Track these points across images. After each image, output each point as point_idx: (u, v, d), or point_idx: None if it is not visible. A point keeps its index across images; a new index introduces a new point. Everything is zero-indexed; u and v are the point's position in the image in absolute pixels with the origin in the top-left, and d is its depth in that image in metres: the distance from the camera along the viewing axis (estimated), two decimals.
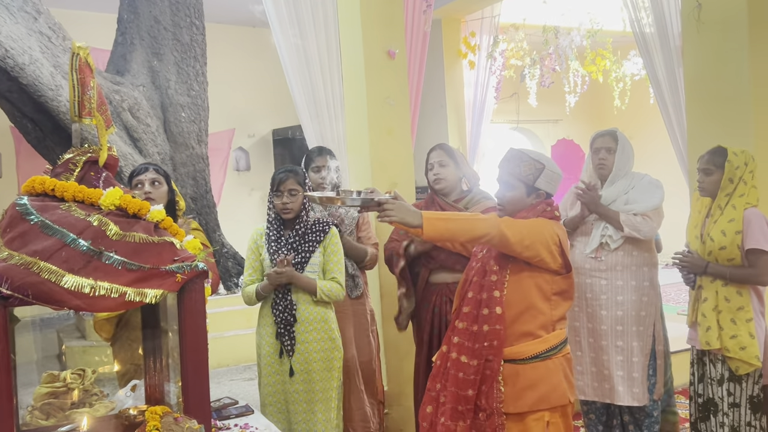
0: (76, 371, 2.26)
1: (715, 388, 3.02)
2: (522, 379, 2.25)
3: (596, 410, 3.47)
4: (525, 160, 2.36)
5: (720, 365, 2.98)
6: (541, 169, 2.34)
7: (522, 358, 2.27)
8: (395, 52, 4.02)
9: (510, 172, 2.37)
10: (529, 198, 2.36)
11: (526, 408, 2.25)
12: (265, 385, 2.98)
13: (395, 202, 2.14)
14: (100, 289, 1.38)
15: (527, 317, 2.28)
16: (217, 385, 5.11)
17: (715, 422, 3.02)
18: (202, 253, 1.59)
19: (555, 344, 2.32)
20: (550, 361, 2.29)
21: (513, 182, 2.37)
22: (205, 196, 6.56)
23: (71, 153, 1.72)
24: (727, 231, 2.93)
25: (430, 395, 2.41)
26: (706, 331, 2.96)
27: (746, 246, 2.90)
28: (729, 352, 2.90)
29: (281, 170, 3.00)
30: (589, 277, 3.26)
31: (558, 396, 2.29)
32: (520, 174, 2.35)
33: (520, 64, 8.47)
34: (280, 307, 2.92)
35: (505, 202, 2.40)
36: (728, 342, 2.91)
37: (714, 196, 3.03)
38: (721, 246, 2.93)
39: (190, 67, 6.53)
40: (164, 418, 1.51)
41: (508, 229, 2.20)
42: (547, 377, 2.28)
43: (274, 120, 9.31)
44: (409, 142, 4.19)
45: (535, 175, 2.34)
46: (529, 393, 2.25)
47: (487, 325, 2.26)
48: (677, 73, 5.22)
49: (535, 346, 2.28)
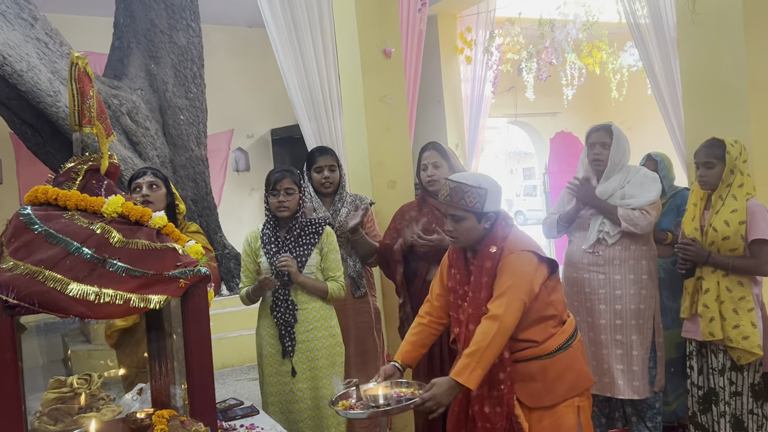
0: (82, 376, 2.28)
1: (716, 378, 3.04)
2: (551, 372, 2.31)
3: (598, 403, 3.49)
4: (467, 191, 2.30)
5: (721, 355, 3.00)
6: (485, 194, 2.30)
7: (547, 353, 2.32)
8: (391, 51, 4.03)
9: (455, 205, 2.31)
10: (481, 224, 2.32)
11: (560, 399, 2.31)
12: (268, 385, 3.01)
13: (430, 396, 2.13)
14: (105, 296, 1.41)
15: (540, 327, 2.32)
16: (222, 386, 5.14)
17: (717, 411, 3.04)
18: (204, 257, 1.61)
19: (571, 333, 2.39)
20: (571, 349, 2.37)
21: (461, 214, 2.31)
22: (206, 198, 6.58)
23: (73, 162, 1.74)
24: (731, 221, 2.93)
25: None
26: (709, 322, 2.98)
27: (751, 237, 2.91)
28: (732, 342, 2.92)
29: (276, 170, 3.01)
30: (587, 272, 3.28)
31: (584, 379, 2.39)
32: (466, 205, 2.30)
33: (516, 58, 8.48)
34: (281, 308, 2.94)
35: (458, 234, 2.34)
36: (731, 332, 2.92)
37: (715, 189, 3.03)
38: (725, 236, 2.94)
39: (187, 69, 6.55)
40: (171, 421, 1.53)
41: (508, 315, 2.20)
42: (572, 365, 2.36)
43: (273, 120, 9.33)
44: (407, 139, 4.21)
45: (481, 202, 2.30)
46: (559, 384, 2.31)
47: (502, 373, 2.27)
48: (673, 64, 5.23)
49: (556, 339, 2.34)
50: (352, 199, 3.48)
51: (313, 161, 3.42)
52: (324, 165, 3.38)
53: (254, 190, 9.28)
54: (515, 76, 8.93)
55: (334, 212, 3.39)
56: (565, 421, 2.30)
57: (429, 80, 7.81)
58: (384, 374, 2.33)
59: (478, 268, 2.32)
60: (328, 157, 3.41)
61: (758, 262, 2.92)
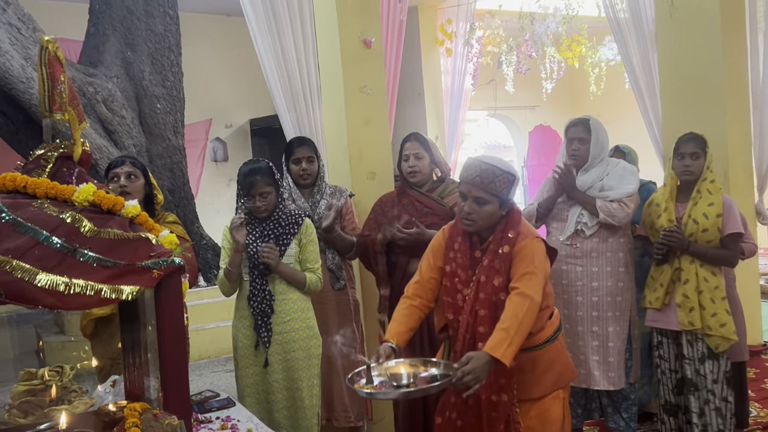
0: (54, 368, 2.25)
1: (694, 367, 3.10)
2: (540, 364, 2.31)
3: (575, 394, 3.51)
4: (499, 174, 2.24)
5: (699, 344, 3.08)
6: (513, 181, 2.27)
7: (537, 344, 2.32)
8: (371, 41, 4.00)
9: (484, 188, 2.24)
10: (501, 209, 2.28)
11: (547, 391, 2.32)
12: (243, 376, 2.99)
13: (467, 370, 2.02)
14: (75, 286, 1.37)
15: (540, 314, 2.28)
16: (199, 377, 5.10)
17: (697, 399, 3.10)
18: (179, 248, 1.58)
19: (558, 325, 2.41)
20: (557, 341, 2.39)
21: (487, 198, 2.24)
22: (183, 188, 6.51)
23: (43, 149, 1.69)
24: (709, 214, 3.06)
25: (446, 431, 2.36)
26: (689, 312, 3.06)
27: (727, 230, 3.06)
28: (711, 330, 3.02)
29: (247, 171, 2.91)
30: (564, 264, 3.29)
31: (570, 371, 2.42)
32: (495, 189, 2.24)
33: (496, 51, 8.49)
34: (258, 298, 2.92)
35: (477, 217, 2.27)
36: (710, 321, 3.03)
37: (695, 181, 3.14)
38: (704, 228, 3.06)
39: (164, 57, 6.45)
40: (144, 414, 1.51)
41: (537, 293, 2.17)
42: (559, 357, 2.38)
43: (252, 110, 9.24)
44: (387, 131, 4.18)
45: (508, 189, 2.26)
46: (547, 376, 2.32)
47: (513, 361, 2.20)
48: (651, 58, 5.27)
49: (546, 331, 2.35)
50: (331, 190, 3.45)
51: (291, 152, 3.38)
52: (302, 156, 3.35)
53: (232, 180, 9.19)
54: (495, 69, 8.94)
55: (313, 204, 3.36)
56: (552, 412, 2.31)
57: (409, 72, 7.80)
58: (384, 354, 2.16)
59: (492, 253, 2.26)
60: (306, 148, 3.37)
61: (732, 254, 3.08)
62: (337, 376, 3.35)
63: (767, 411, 4.00)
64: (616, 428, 3.44)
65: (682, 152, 3.15)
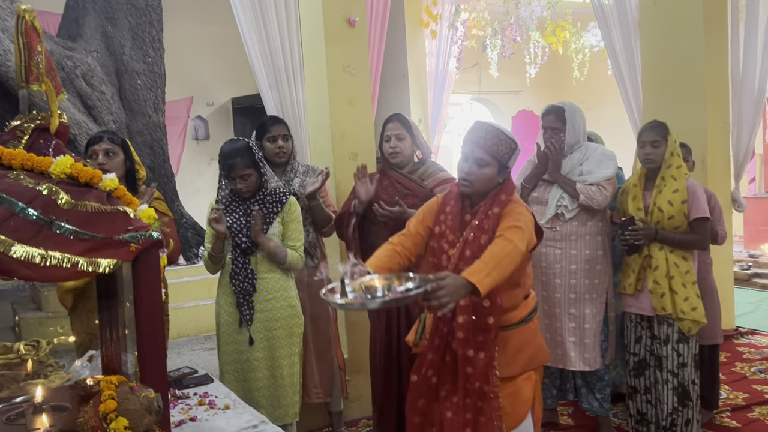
0: (30, 342, 2.23)
1: (660, 348, 3.16)
2: (512, 343, 2.32)
3: (550, 375, 3.57)
4: (503, 139, 2.29)
5: (668, 328, 3.14)
6: (515, 148, 2.32)
7: (511, 323, 2.32)
8: (355, 20, 3.97)
9: (486, 149, 2.27)
10: (499, 176, 2.31)
11: (519, 371, 2.33)
12: (224, 353, 2.99)
13: (443, 284, 1.95)
14: (52, 258, 1.36)
15: (514, 293, 2.32)
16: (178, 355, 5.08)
17: (658, 379, 3.16)
18: (157, 222, 1.57)
19: (533, 306, 2.42)
20: (532, 322, 2.40)
21: (488, 160, 2.28)
22: (163, 166, 6.44)
23: (19, 120, 1.67)
24: (674, 201, 3.09)
25: (421, 389, 2.36)
26: (660, 298, 3.11)
27: (693, 215, 3.08)
28: (684, 314, 3.07)
29: (227, 153, 2.90)
30: (543, 247, 3.32)
31: (542, 354, 2.43)
32: (498, 152, 2.28)
33: (481, 35, 8.47)
34: (240, 276, 2.92)
35: (474, 179, 2.30)
36: (682, 305, 3.08)
37: (658, 168, 3.16)
38: (670, 216, 3.09)
39: (145, 32, 6.35)
40: (120, 387, 1.50)
41: (522, 244, 2.17)
42: (533, 338, 2.39)
43: (234, 88, 9.14)
44: (369, 111, 4.17)
45: (509, 154, 2.31)
46: (520, 356, 2.33)
47: (492, 317, 2.24)
48: (634, 45, 5.30)
49: (520, 311, 2.36)
50: (304, 169, 3.46)
51: (266, 131, 3.36)
52: (278, 134, 3.34)
53: (213, 159, 9.11)
54: (479, 52, 8.93)
55: (287, 182, 3.36)
56: (523, 393, 2.33)
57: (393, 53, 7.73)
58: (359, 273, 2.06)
59: (482, 213, 2.28)
60: (282, 127, 3.37)
61: (700, 238, 3.13)
62: (308, 354, 3.37)
63: (737, 393, 4.09)
64: (590, 409, 3.50)
65: (643, 140, 3.20)
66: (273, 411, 2.93)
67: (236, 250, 2.92)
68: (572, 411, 3.91)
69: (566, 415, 3.87)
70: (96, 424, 1.46)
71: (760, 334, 5.43)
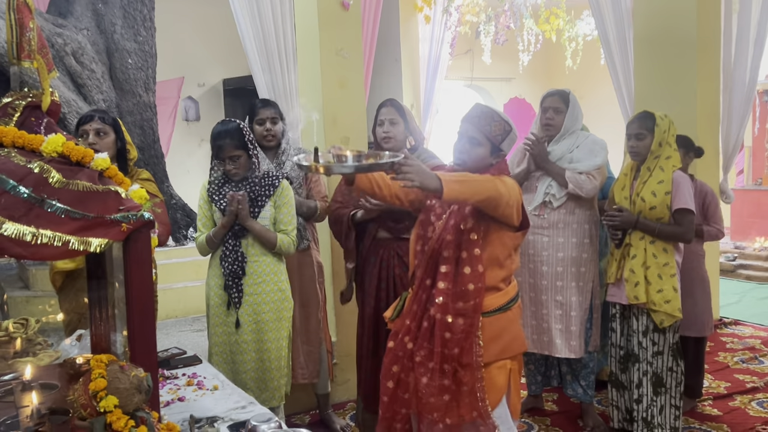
0: (19, 320, 2.23)
1: (637, 339, 3.17)
2: (487, 330, 2.32)
3: (535, 361, 3.61)
4: (496, 120, 2.35)
5: (644, 318, 3.14)
6: (509, 131, 2.36)
7: (488, 311, 2.33)
8: (349, 3, 3.96)
9: (480, 129, 2.34)
10: (491, 157, 2.36)
11: (493, 358, 2.33)
12: (213, 335, 3.00)
13: (412, 164, 2.04)
14: (43, 237, 1.36)
15: (494, 272, 2.33)
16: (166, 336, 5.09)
17: (636, 371, 3.19)
18: (148, 203, 1.57)
19: (513, 296, 2.41)
20: (510, 312, 2.39)
21: (480, 139, 2.34)
22: (153, 146, 6.40)
23: (10, 97, 1.65)
24: (657, 192, 3.08)
25: (396, 355, 2.39)
26: (634, 287, 3.10)
27: (675, 206, 3.07)
28: (655, 306, 3.06)
29: (216, 134, 2.90)
30: (531, 234, 3.34)
31: (519, 344, 2.42)
32: (490, 133, 2.33)
33: (475, 21, 8.45)
34: (230, 259, 2.92)
35: (467, 158, 2.36)
36: (655, 296, 3.07)
37: (644, 159, 3.15)
38: (652, 206, 3.08)
39: (137, 11, 6.28)
40: (110, 366, 1.51)
41: (502, 188, 2.22)
42: (509, 327, 2.38)
43: (226, 69, 9.07)
44: (362, 95, 4.16)
45: (503, 136, 2.35)
46: (494, 344, 2.33)
47: (472, 284, 2.27)
48: (627, 35, 5.30)
49: (498, 298, 2.35)
50: (296, 152, 3.45)
51: (255, 113, 3.36)
52: (266, 117, 3.33)
53: (204, 140, 9.05)
54: (473, 39, 8.90)
55: (278, 165, 3.35)
56: (496, 381, 2.34)
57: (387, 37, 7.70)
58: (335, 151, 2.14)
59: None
60: (270, 110, 3.36)
61: (682, 230, 3.09)
62: (296, 335, 3.39)
63: (719, 382, 4.16)
64: (574, 395, 3.55)
65: (628, 132, 3.20)
66: (260, 394, 2.94)
67: (228, 232, 2.92)
68: (557, 397, 3.96)
69: (551, 401, 3.92)
70: (86, 402, 1.46)
71: (743, 325, 5.51)
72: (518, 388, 2.47)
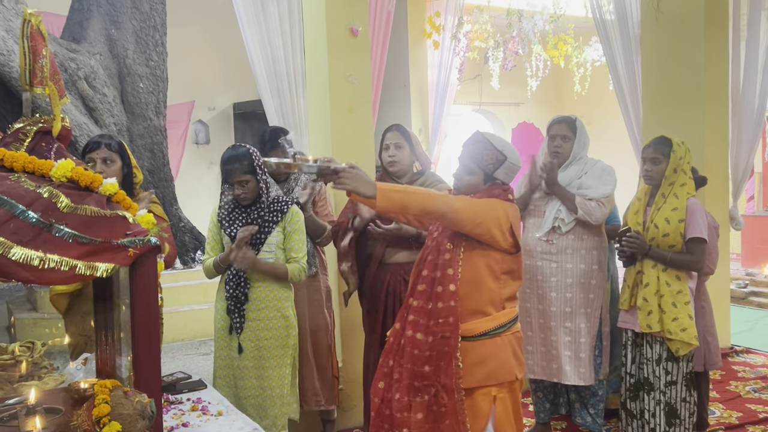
0: (25, 344, 2.23)
1: (651, 367, 3.13)
2: (471, 355, 2.29)
3: (544, 389, 3.57)
4: (488, 149, 2.34)
5: (658, 346, 3.10)
6: (503, 161, 2.34)
7: (471, 335, 2.30)
8: (358, 30, 4.00)
9: (471, 156, 2.36)
10: (485, 185, 2.37)
11: (475, 383, 2.29)
12: (217, 358, 2.99)
13: (351, 171, 2.13)
14: (50, 261, 1.37)
15: (477, 295, 2.30)
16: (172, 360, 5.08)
17: (650, 400, 3.14)
18: (155, 227, 1.58)
19: (504, 322, 2.35)
20: (498, 338, 2.33)
21: (472, 167, 2.36)
22: (163, 169, 6.45)
23: (22, 122, 1.68)
24: (671, 219, 3.04)
25: (383, 371, 2.43)
26: (647, 315, 3.06)
27: (688, 235, 3.03)
28: (671, 335, 3.01)
29: (226, 159, 2.90)
30: (540, 260, 3.33)
31: (505, 372, 2.34)
32: (481, 161, 2.35)
33: (483, 46, 8.51)
34: (233, 284, 2.91)
35: (460, 184, 2.40)
36: (670, 324, 3.02)
37: (659, 185, 3.13)
38: (665, 233, 3.05)
39: (149, 36, 6.38)
40: (114, 391, 1.51)
41: (460, 205, 2.24)
42: (496, 354, 2.32)
43: (236, 94, 9.17)
44: (370, 121, 4.18)
45: (495, 166, 2.34)
46: (478, 369, 2.29)
47: (441, 303, 2.28)
48: (635, 61, 5.33)
49: (484, 323, 2.31)
50: (305, 178, 3.45)
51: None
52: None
53: (213, 164, 9.13)
54: (481, 64, 8.96)
55: (288, 190, 3.36)
56: (479, 408, 2.30)
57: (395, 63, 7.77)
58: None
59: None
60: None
61: (694, 259, 3.05)
62: (307, 362, 3.37)
63: (731, 412, 4.09)
64: (583, 424, 3.50)
65: (644, 156, 3.19)
66: (260, 421, 2.88)
67: None
68: (565, 426, 3.91)
69: (559, 430, 3.87)
70: (89, 427, 1.46)
71: (755, 353, 5.44)
72: (513, 420, 2.38)
